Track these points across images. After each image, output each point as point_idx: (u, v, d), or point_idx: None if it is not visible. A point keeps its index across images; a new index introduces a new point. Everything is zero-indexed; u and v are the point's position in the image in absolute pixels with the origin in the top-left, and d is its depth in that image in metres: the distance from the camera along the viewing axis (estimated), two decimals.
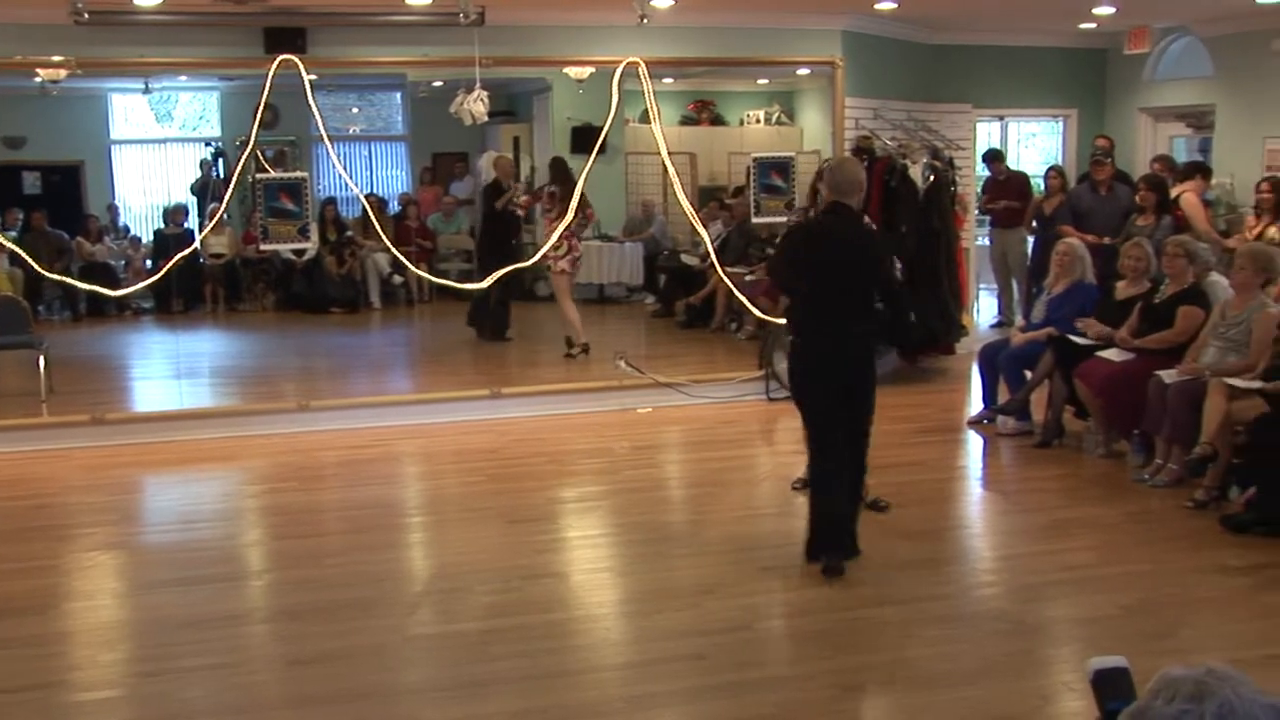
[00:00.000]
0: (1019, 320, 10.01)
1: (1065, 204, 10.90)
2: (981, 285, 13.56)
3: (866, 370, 5.94)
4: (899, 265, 8.41)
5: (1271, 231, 9.17)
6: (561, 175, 10.82)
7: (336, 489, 7.75)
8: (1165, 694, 1.68)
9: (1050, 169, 12.30)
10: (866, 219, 6.57)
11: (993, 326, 12.76)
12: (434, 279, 12.07)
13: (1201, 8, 10.63)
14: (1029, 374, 8.47)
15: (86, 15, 8.16)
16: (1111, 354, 7.75)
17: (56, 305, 14.26)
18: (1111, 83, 12.80)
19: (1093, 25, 11.31)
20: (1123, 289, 8.17)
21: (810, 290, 5.89)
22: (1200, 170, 10.32)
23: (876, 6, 9.47)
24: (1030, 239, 12.09)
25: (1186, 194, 9.87)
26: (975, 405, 9.25)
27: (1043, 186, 12.11)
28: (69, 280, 11.81)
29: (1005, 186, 12.53)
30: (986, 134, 14.25)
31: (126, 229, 16.13)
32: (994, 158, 12.91)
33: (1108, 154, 10.92)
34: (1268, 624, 5.25)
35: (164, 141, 17.64)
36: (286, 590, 5.86)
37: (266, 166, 11.66)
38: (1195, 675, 1.69)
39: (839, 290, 5.80)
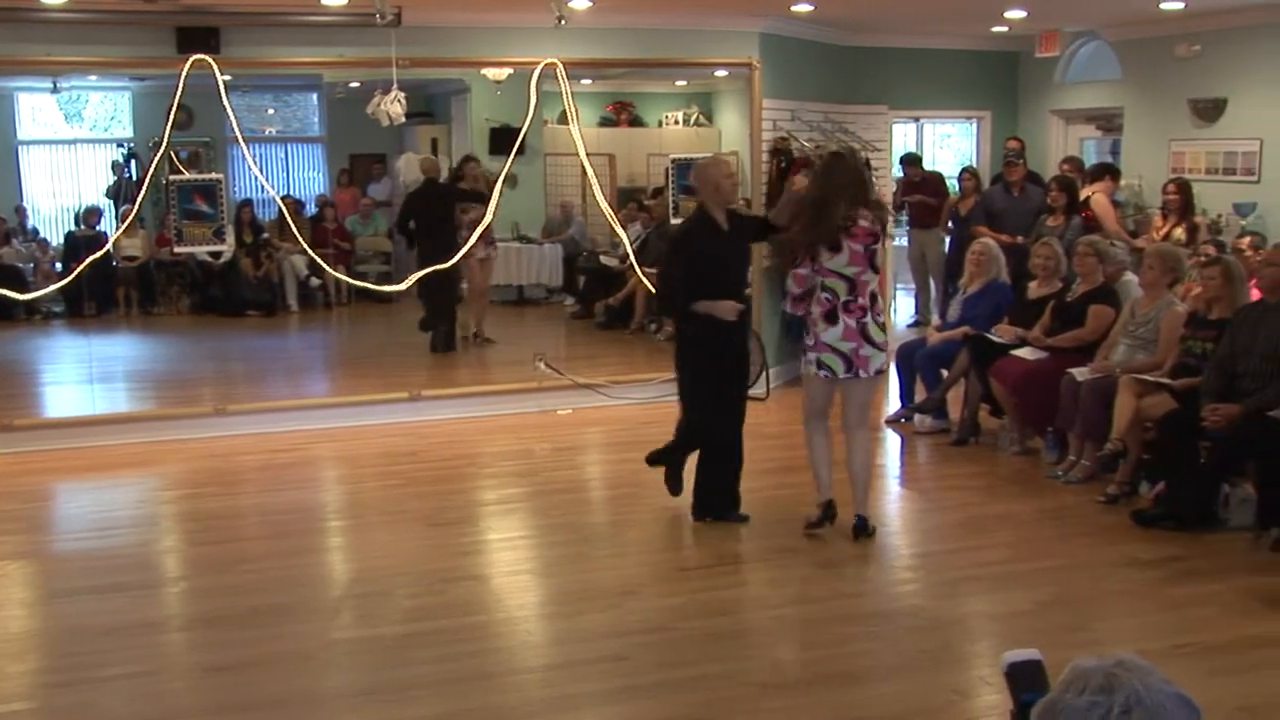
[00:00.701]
0: (935, 320, 10.14)
1: (979, 204, 11.05)
2: (898, 285, 13.70)
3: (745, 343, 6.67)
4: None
5: (1178, 232, 9.37)
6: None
7: (255, 494, 7.66)
8: (1075, 686, 1.72)
9: (964, 170, 12.47)
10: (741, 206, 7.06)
11: (909, 326, 12.91)
12: (352, 281, 11.98)
13: (1109, 12, 10.82)
14: (945, 373, 8.59)
15: None
16: (1025, 353, 7.87)
17: None
18: (1024, 85, 13.00)
19: (1005, 29, 11.46)
20: (1034, 289, 8.31)
21: (698, 282, 6.27)
22: (1109, 171, 10.52)
23: (793, 9, 9.52)
24: (947, 239, 12.26)
25: (1096, 195, 10.05)
26: (893, 404, 9.35)
27: (957, 187, 12.27)
28: None
29: (920, 187, 12.68)
30: (903, 135, 14.41)
31: (35, 231, 15.80)
32: (911, 162, 13.06)
33: (1020, 155, 11.10)
34: (1176, 616, 5.37)
35: (74, 142, 17.30)
36: (204, 597, 5.79)
37: (181, 168, 11.50)
38: (1105, 667, 1.73)
39: (719, 279, 6.31)
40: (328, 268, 10.81)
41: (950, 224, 12.06)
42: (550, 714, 4.54)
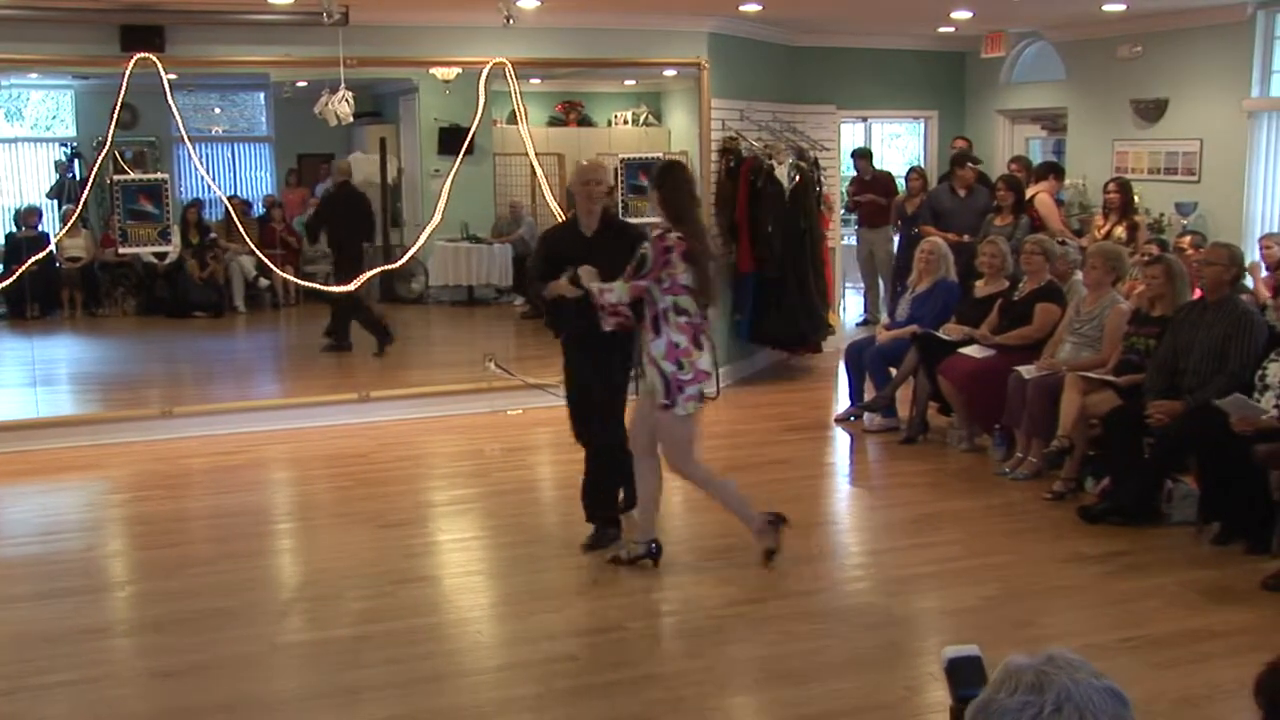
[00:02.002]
0: (884, 318, 10.20)
1: (925, 204, 11.12)
2: (848, 284, 13.78)
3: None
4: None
5: (1119, 231, 9.48)
6: None
7: (202, 497, 7.59)
8: (1008, 686, 1.74)
9: (911, 169, 12.56)
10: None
11: (859, 325, 12.98)
12: (300, 282, 11.90)
13: (1053, 14, 10.93)
14: (894, 371, 8.65)
15: None
16: (973, 351, 7.94)
17: None
18: (970, 85, 13.10)
19: (951, 29, 11.55)
20: (981, 287, 8.38)
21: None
22: (1054, 170, 10.62)
23: (741, 9, 9.55)
24: (896, 238, 12.34)
25: (1041, 194, 10.15)
26: (842, 403, 9.40)
27: (904, 187, 12.35)
28: None
29: (871, 185, 12.76)
30: (851, 135, 14.48)
31: None
32: (861, 155, 13.13)
33: (970, 158, 11.11)
34: (1121, 609, 5.43)
35: (14, 141, 17.06)
36: (150, 601, 5.73)
37: (125, 168, 11.36)
38: (1036, 665, 1.75)
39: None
40: (275, 268, 10.73)
41: (898, 223, 12.14)
42: (501, 715, 4.54)
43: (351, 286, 10.33)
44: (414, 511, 7.06)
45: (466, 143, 9.58)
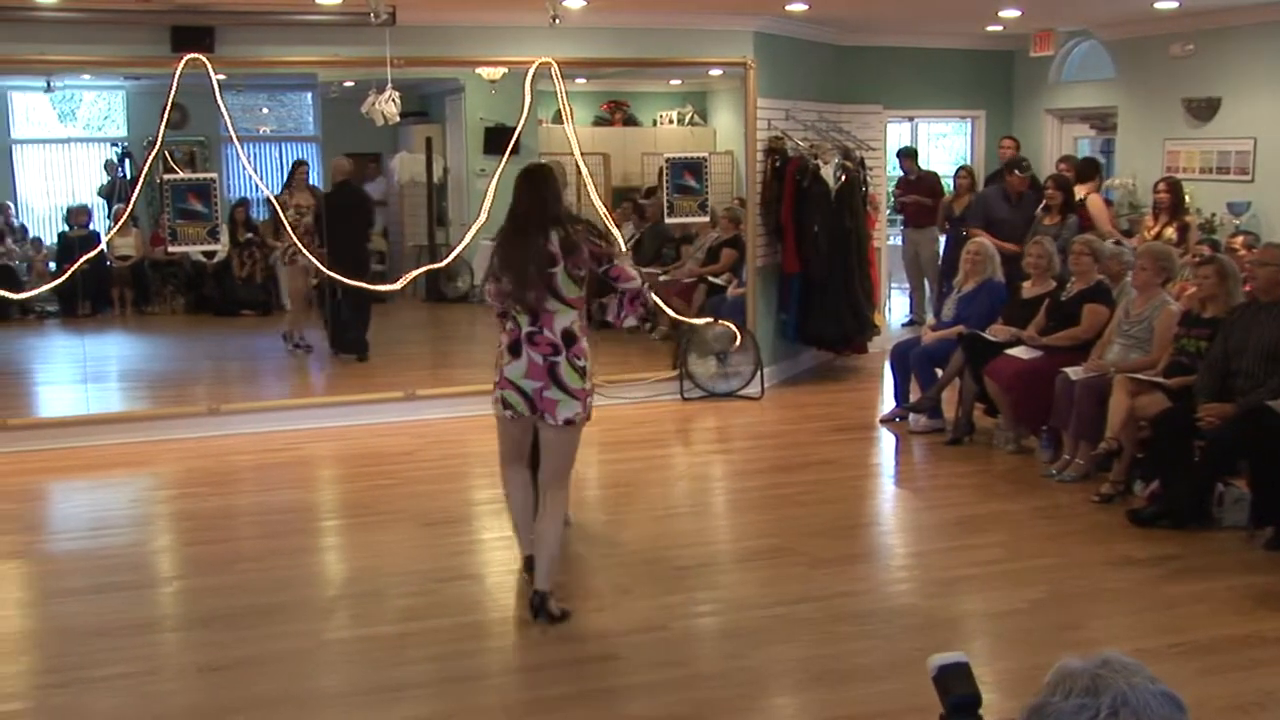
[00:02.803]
0: (930, 319, 10.14)
1: (976, 207, 10.96)
2: (893, 284, 13.71)
3: None
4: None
5: (1169, 231, 9.37)
6: None
7: (249, 493, 7.65)
8: (1062, 689, 1.72)
9: (959, 169, 12.49)
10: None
11: (904, 325, 12.91)
12: (346, 281, 11.94)
13: (1103, 12, 10.82)
14: (940, 372, 8.60)
15: None
16: (1020, 351, 7.88)
17: None
18: (1018, 84, 13.00)
19: (1000, 28, 11.47)
20: (1028, 288, 8.32)
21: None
22: (1095, 169, 10.54)
23: (788, 8, 9.52)
24: (942, 238, 12.27)
25: (1091, 196, 10.07)
26: (887, 403, 9.36)
27: (952, 186, 12.28)
28: None
29: (916, 185, 12.69)
30: (897, 135, 14.41)
31: (25, 229, 15.78)
32: (906, 155, 13.06)
33: (1021, 165, 10.87)
34: (1171, 614, 5.37)
35: (67, 141, 17.26)
36: (198, 597, 5.78)
37: (175, 167, 11.47)
38: (1090, 668, 1.73)
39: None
40: (322, 267, 10.77)
41: (945, 223, 12.06)
42: (543, 714, 4.54)
43: (398, 286, 10.37)
44: (458, 510, 7.08)
45: (512, 142, 9.59)
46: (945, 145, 16.55)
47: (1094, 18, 11.34)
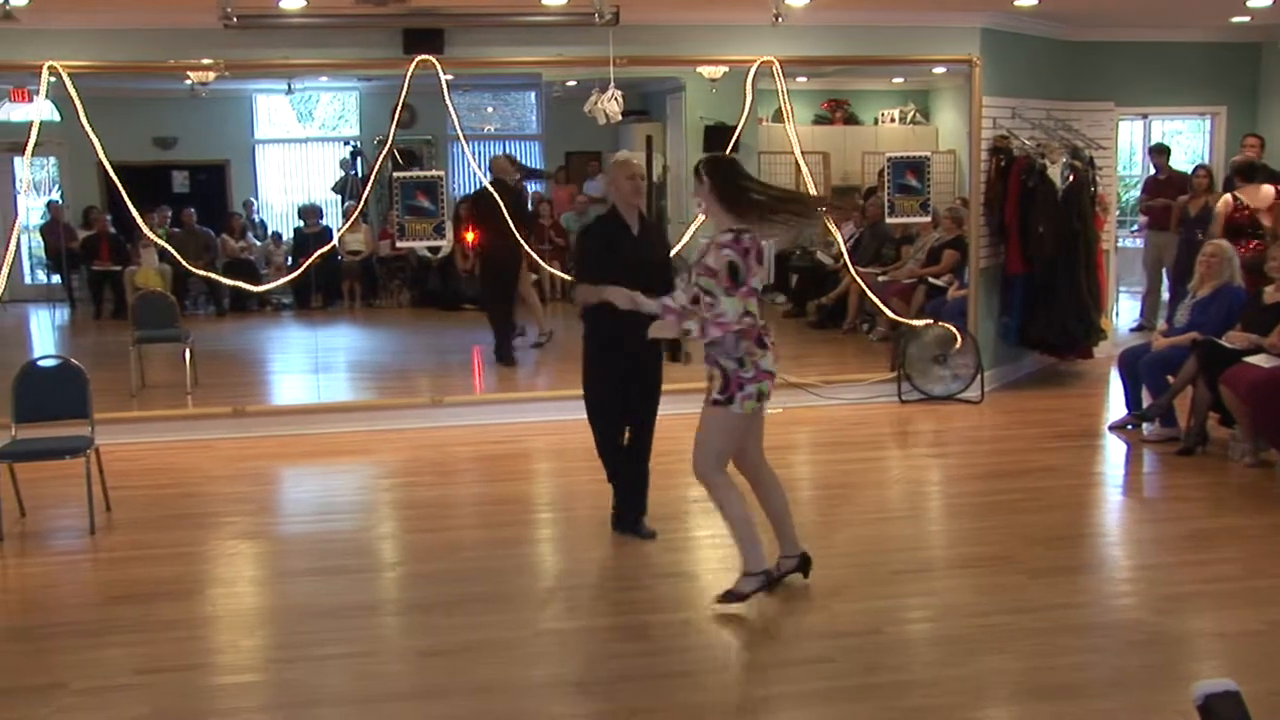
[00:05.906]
0: (1162, 324, 9.73)
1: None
2: (1121, 288, 13.23)
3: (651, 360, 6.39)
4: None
5: None
6: None
7: (469, 484, 7.85)
8: None
9: (1198, 168, 11.93)
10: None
11: (1132, 330, 12.44)
12: (567, 277, 12.13)
13: None
14: (1171, 379, 8.25)
15: (235, 19, 8.41)
16: (1260, 360, 7.52)
17: (201, 300, 14.70)
18: (1266, 78, 12.34)
19: (1246, 19, 10.92)
20: (1272, 294, 7.91)
21: (607, 280, 5.82)
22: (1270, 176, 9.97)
23: (1016, 3, 9.27)
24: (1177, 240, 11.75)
25: None
26: (1114, 410, 9.04)
27: (1190, 186, 11.76)
28: (214, 276, 12.13)
29: (1165, 186, 12.19)
30: (1129, 133, 13.90)
31: (264, 225, 16.56)
32: (1158, 152, 12.55)
33: (1265, 169, 10.27)
34: None
35: (305, 141, 18.03)
36: (418, 583, 5.96)
37: (404, 164, 11.86)
38: None
39: (631, 280, 5.75)
40: (544, 263, 10.99)
41: (1180, 225, 11.57)
42: (753, 714, 4.53)
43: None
44: (675, 506, 7.11)
45: (732, 141, 9.60)
46: (1180, 144, 15.87)
47: None
